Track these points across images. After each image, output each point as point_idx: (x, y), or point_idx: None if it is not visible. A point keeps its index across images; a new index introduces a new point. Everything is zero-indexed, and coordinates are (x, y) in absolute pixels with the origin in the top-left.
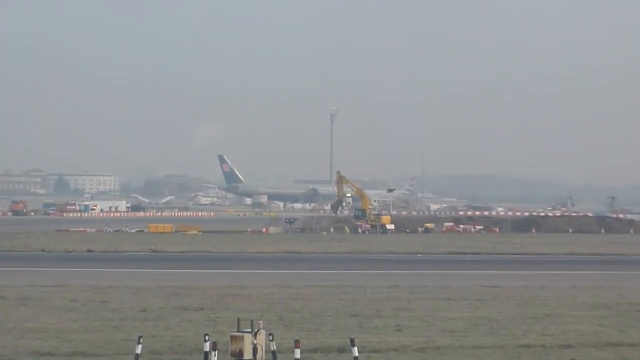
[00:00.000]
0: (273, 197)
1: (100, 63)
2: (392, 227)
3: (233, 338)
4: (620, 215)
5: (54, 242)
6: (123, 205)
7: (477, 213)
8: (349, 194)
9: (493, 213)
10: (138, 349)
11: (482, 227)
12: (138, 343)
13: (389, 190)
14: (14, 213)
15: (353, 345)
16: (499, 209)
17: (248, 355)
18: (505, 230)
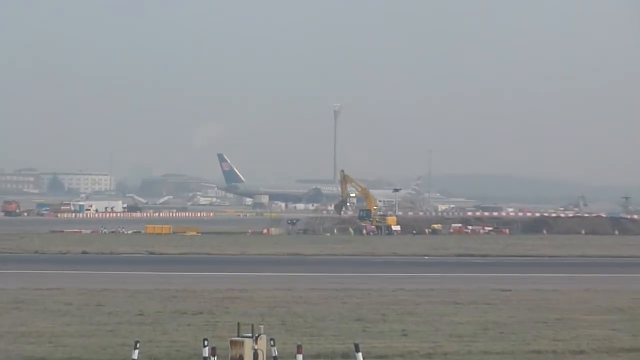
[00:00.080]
0: (274, 197)
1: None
2: (398, 228)
3: (233, 343)
4: (635, 217)
5: (48, 243)
6: (119, 206)
7: (486, 214)
8: (354, 194)
9: (503, 214)
10: (135, 355)
11: (491, 228)
12: (135, 348)
13: (395, 190)
14: (7, 214)
15: (357, 351)
16: (509, 210)
17: None
18: (516, 232)
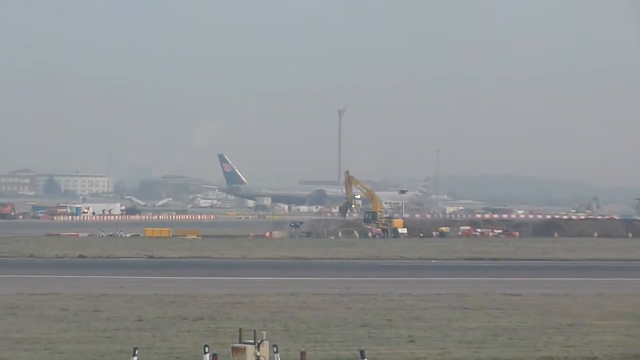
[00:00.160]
0: (277, 199)
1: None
2: (404, 231)
3: (235, 350)
4: None
5: (44, 247)
6: (117, 208)
7: (495, 216)
8: (359, 196)
9: (512, 216)
10: None
11: (500, 231)
12: (133, 355)
13: (401, 192)
14: (1, 216)
15: (363, 357)
16: (519, 212)
17: None
18: (526, 235)
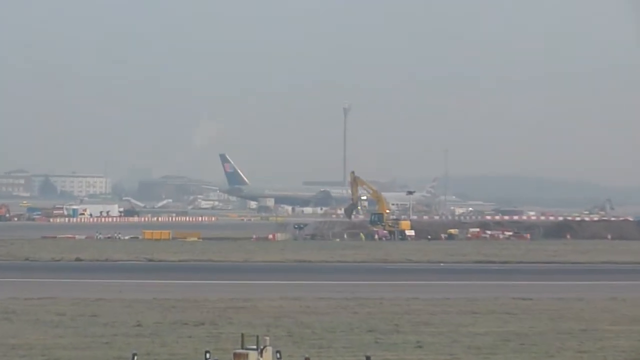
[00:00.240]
0: (280, 200)
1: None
2: (412, 233)
3: (236, 356)
4: None
5: (40, 250)
6: (115, 210)
7: (505, 218)
8: (365, 197)
9: (523, 218)
10: None
11: (511, 233)
12: None
13: (409, 193)
14: None
15: None
16: (530, 213)
17: None
18: (537, 237)
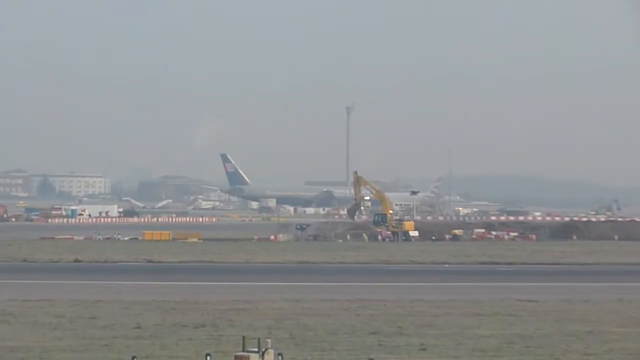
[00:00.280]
0: (282, 200)
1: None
2: (415, 234)
3: (238, 358)
4: None
5: (38, 251)
6: (115, 210)
7: (511, 218)
8: (368, 197)
9: (529, 218)
10: None
11: (516, 233)
12: None
13: (413, 193)
14: None
15: None
16: (536, 214)
17: None
18: (543, 238)
